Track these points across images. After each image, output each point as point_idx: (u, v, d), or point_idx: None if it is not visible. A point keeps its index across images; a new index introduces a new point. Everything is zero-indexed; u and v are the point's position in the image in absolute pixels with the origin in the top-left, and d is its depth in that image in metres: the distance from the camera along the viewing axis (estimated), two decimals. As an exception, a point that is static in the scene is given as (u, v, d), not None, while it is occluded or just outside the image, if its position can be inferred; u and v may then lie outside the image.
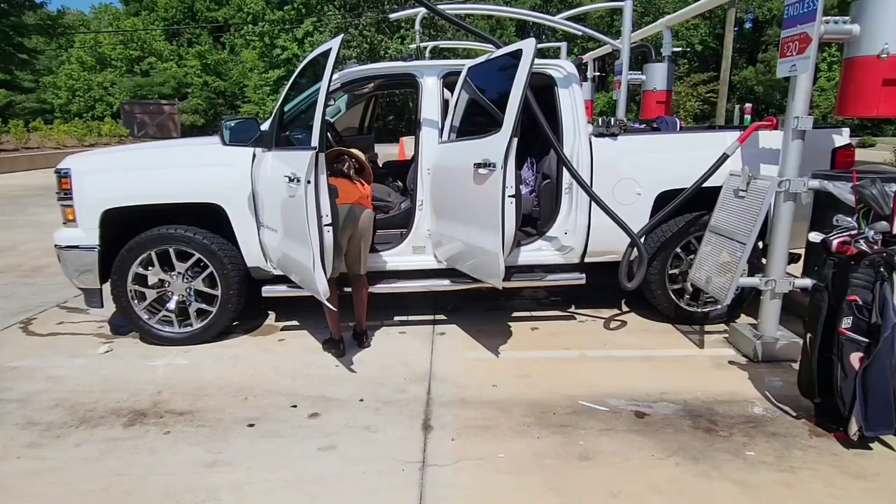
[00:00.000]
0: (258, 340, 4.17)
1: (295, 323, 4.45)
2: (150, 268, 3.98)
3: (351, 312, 4.60)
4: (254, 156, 3.89)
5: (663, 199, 4.01)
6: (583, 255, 4.22)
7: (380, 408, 3.16)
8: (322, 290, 3.34)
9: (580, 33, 7.98)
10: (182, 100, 35.37)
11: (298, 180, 3.20)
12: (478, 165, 3.36)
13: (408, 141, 14.40)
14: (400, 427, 2.96)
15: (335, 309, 3.65)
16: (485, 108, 3.74)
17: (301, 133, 3.71)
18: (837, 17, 3.37)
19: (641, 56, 8.62)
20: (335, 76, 3.87)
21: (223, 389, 3.40)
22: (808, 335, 2.87)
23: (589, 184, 3.94)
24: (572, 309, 4.73)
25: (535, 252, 4.19)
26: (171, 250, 3.93)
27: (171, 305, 4.04)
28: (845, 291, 2.68)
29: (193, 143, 5.02)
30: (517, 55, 3.41)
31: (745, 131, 3.92)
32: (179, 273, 3.99)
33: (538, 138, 4.43)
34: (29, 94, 38.26)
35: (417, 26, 9.78)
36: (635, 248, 3.92)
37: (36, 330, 4.44)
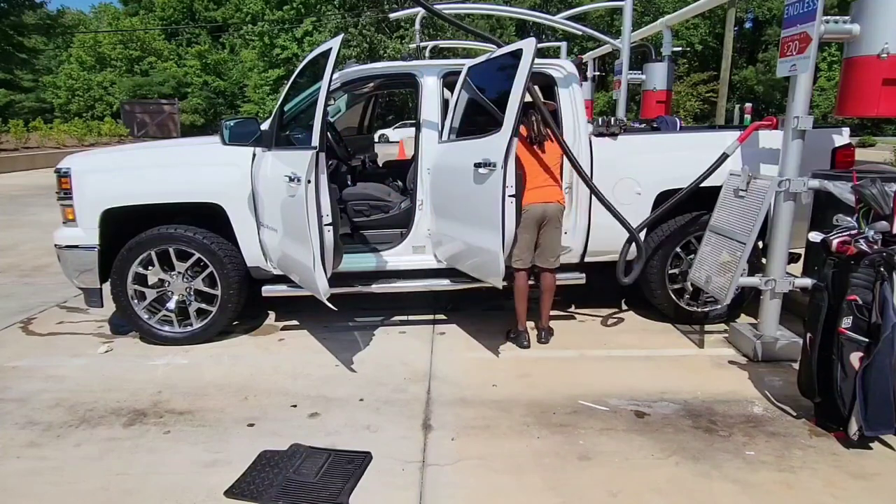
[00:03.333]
0: (258, 340, 4.17)
1: (295, 323, 4.45)
2: (150, 267, 3.97)
3: (351, 308, 4.59)
4: (254, 155, 3.89)
5: (663, 198, 4.01)
6: (583, 255, 4.22)
7: (380, 407, 3.16)
8: (322, 289, 3.34)
9: (580, 33, 7.99)
10: (182, 99, 35.36)
11: (299, 180, 3.21)
12: (478, 165, 3.36)
13: (408, 141, 14.39)
14: (400, 427, 2.96)
15: (335, 309, 3.65)
16: (485, 107, 3.73)
17: (301, 133, 3.71)
18: (837, 17, 3.37)
19: (641, 56, 8.63)
20: (335, 76, 3.87)
21: (223, 389, 3.40)
22: (808, 335, 2.87)
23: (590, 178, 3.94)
24: (572, 309, 4.73)
25: (536, 252, 4.19)
26: (170, 250, 3.93)
27: (171, 305, 4.04)
28: (845, 291, 2.68)
29: (193, 143, 5.02)
30: (517, 55, 3.41)
31: (745, 131, 3.92)
32: (179, 273, 3.99)
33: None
34: (29, 93, 38.27)
35: (417, 26, 9.78)
36: (633, 245, 3.92)
37: (36, 329, 4.44)
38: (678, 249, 4.23)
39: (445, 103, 4.23)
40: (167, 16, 40.74)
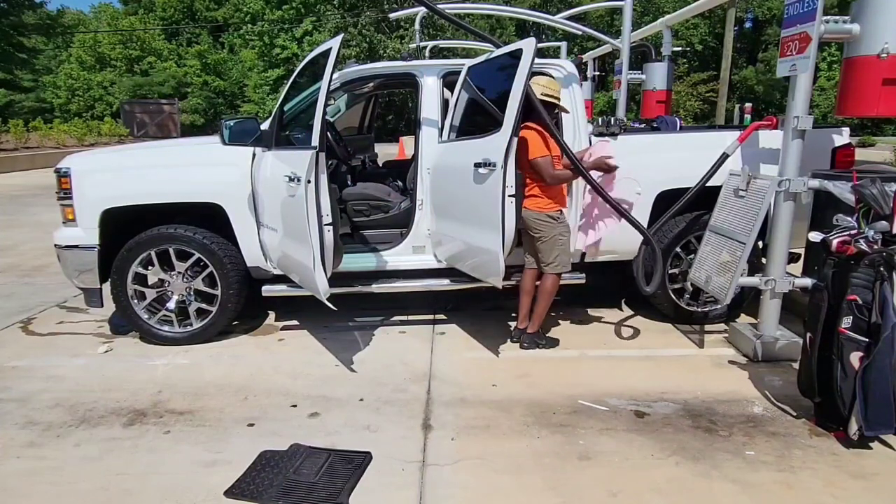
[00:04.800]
0: (258, 340, 4.17)
1: (295, 323, 4.45)
2: (149, 267, 3.97)
3: (351, 308, 4.60)
4: (254, 155, 3.89)
5: (663, 198, 4.01)
6: (583, 255, 4.22)
7: (380, 407, 3.16)
8: (322, 289, 3.34)
9: (580, 33, 7.99)
10: (182, 99, 35.34)
11: (299, 180, 3.21)
12: (478, 165, 3.36)
13: (408, 140, 14.40)
14: (400, 427, 2.96)
15: (335, 309, 3.65)
16: (485, 107, 3.73)
17: (301, 132, 3.72)
18: (837, 17, 3.36)
19: (641, 55, 8.62)
20: (335, 76, 3.87)
21: (223, 389, 3.40)
22: (808, 335, 2.87)
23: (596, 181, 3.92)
24: (572, 309, 4.72)
25: (535, 251, 4.18)
26: (170, 250, 3.93)
27: (171, 305, 4.04)
28: (845, 291, 2.68)
29: (193, 143, 5.02)
30: (517, 55, 3.40)
31: (745, 131, 3.91)
32: (179, 273, 3.99)
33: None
34: (28, 93, 38.26)
35: (417, 26, 9.75)
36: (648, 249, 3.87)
37: (36, 329, 4.44)
38: (678, 249, 4.22)
39: (445, 103, 4.23)
40: (167, 16, 40.74)
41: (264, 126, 3.90)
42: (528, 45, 3.38)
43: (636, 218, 3.80)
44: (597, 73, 10.48)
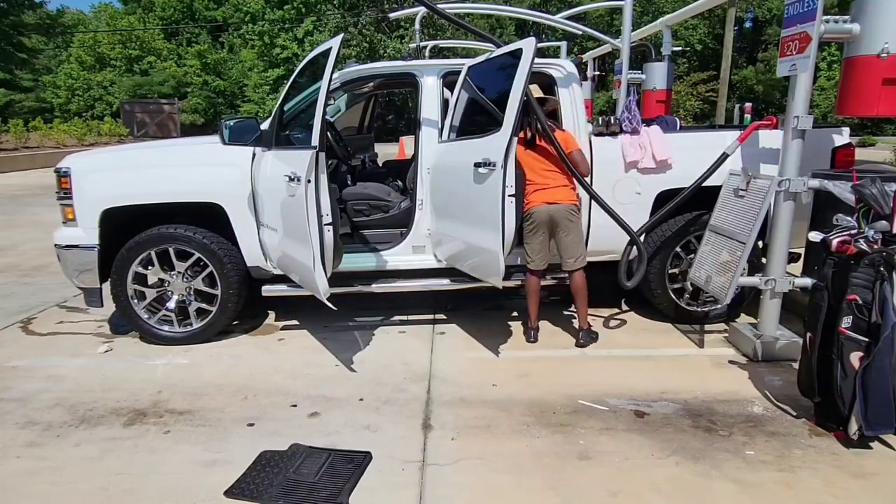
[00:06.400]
0: (258, 340, 4.17)
1: (295, 322, 4.45)
2: (149, 267, 3.97)
3: (351, 308, 4.60)
4: (254, 155, 3.89)
5: (663, 198, 4.01)
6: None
7: (380, 407, 3.16)
8: (322, 289, 3.34)
9: (580, 32, 7.97)
10: (182, 99, 35.34)
11: (299, 179, 3.21)
12: (478, 165, 3.36)
13: (408, 140, 14.40)
14: (400, 426, 2.96)
15: (335, 309, 3.65)
16: (485, 107, 3.73)
17: (301, 132, 3.72)
18: (837, 17, 3.36)
19: (641, 55, 8.62)
20: (335, 75, 3.87)
21: (223, 389, 3.40)
22: (808, 335, 2.87)
23: (589, 183, 3.94)
24: (573, 309, 4.72)
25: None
26: (170, 250, 3.93)
27: (171, 305, 4.04)
28: (845, 291, 2.68)
29: (193, 143, 5.02)
30: (517, 54, 3.41)
31: (745, 130, 3.91)
32: (179, 272, 3.99)
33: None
34: (28, 93, 38.26)
35: (417, 25, 9.73)
36: (634, 247, 3.91)
37: (36, 329, 4.44)
38: (678, 249, 4.22)
39: (445, 103, 4.23)
40: (167, 15, 40.74)
41: (264, 126, 3.91)
42: (528, 44, 3.38)
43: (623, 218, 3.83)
44: (597, 72, 10.48)
